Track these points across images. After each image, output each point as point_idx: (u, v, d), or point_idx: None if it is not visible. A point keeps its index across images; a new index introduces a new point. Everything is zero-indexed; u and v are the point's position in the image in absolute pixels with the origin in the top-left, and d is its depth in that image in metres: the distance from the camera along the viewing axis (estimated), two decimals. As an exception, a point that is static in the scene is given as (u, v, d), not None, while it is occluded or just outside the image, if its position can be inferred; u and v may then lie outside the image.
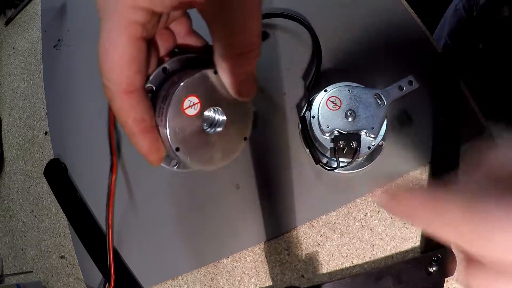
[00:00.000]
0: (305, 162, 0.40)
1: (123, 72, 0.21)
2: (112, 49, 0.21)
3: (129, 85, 0.22)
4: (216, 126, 0.29)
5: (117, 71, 0.21)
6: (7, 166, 0.49)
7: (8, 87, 0.54)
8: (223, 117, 0.28)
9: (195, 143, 0.27)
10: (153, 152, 0.24)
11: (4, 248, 0.46)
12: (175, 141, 0.26)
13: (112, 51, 0.21)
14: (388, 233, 0.37)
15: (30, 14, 0.57)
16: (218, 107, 0.28)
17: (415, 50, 0.43)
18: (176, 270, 0.38)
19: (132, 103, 0.22)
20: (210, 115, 0.28)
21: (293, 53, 0.44)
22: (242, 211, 0.39)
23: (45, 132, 0.48)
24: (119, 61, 0.21)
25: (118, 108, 0.22)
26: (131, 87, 0.22)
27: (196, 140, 0.27)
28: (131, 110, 0.22)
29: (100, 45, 0.21)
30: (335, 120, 0.36)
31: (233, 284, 0.37)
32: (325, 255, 0.37)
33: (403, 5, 0.45)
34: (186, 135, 0.26)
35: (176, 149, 0.26)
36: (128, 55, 0.21)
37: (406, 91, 0.36)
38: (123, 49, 0.21)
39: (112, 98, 0.22)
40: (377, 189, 0.39)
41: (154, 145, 0.24)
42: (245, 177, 0.40)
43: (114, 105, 0.22)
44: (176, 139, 0.26)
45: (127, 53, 0.21)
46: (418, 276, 0.34)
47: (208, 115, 0.28)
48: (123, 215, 0.41)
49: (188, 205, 0.40)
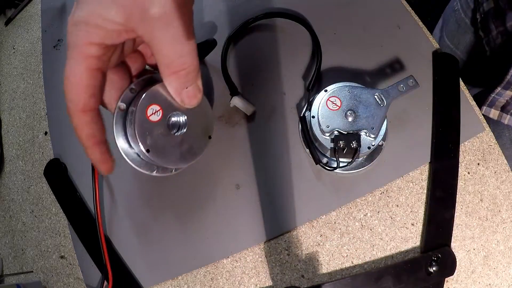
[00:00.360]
0: (305, 162, 0.40)
1: (80, 95, 0.26)
2: (72, 75, 0.26)
3: (85, 105, 0.27)
4: (180, 128, 0.34)
5: (75, 93, 0.26)
6: (7, 166, 0.49)
7: (8, 87, 0.54)
8: (184, 118, 0.33)
9: (163, 144, 0.32)
10: (103, 162, 0.29)
11: (4, 248, 0.46)
12: (144, 144, 0.31)
13: (72, 77, 0.26)
14: (388, 233, 0.37)
15: (30, 14, 0.57)
16: (178, 111, 0.33)
17: (415, 50, 0.43)
18: (176, 270, 0.38)
19: (86, 120, 0.27)
20: (173, 119, 0.33)
21: (293, 53, 0.44)
22: (242, 211, 0.39)
23: (45, 132, 0.48)
24: (77, 86, 0.26)
25: (75, 124, 0.27)
26: (86, 107, 0.27)
27: (164, 142, 0.32)
28: (84, 126, 0.27)
29: (65, 71, 0.26)
30: (335, 120, 0.36)
31: (233, 284, 0.37)
32: (325, 255, 0.37)
33: (403, 5, 0.45)
34: (154, 138, 0.31)
35: (146, 150, 0.31)
36: (84, 81, 0.26)
37: (406, 91, 0.36)
38: (80, 76, 0.26)
39: (71, 115, 0.27)
40: (377, 189, 0.39)
41: (103, 156, 0.29)
42: (245, 177, 0.40)
43: (72, 121, 0.27)
44: (145, 142, 0.31)
45: (84, 80, 0.26)
46: (418, 276, 0.34)
47: (172, 119, 0.33)
48: (123, 215, 0.41)
49: (188, 205, 0.40)
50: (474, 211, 0.38)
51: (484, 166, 0.39)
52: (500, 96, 0.52)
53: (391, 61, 0.43)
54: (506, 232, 0.37)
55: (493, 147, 0.40)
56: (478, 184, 0.39)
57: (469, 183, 0.39)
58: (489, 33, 0.52)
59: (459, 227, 0.37)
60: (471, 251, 0.37)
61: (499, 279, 0.36)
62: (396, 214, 0.38)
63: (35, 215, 0.45)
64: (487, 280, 0.36)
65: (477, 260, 0.36)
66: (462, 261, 0.36)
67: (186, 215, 0.40)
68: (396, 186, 0.39)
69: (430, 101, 0.41)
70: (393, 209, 0.38)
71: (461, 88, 0.41)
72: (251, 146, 0.41)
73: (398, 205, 0.38)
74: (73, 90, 0.26)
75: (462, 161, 0.39)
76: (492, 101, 0.53)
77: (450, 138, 0.39)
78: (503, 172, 0.39)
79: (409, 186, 0.39)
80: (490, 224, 0.37)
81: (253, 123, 0.42)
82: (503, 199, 0.38)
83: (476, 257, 0.36)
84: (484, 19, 0.52)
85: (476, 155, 0.39)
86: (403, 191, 0.39)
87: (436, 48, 0.43)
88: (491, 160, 0.39)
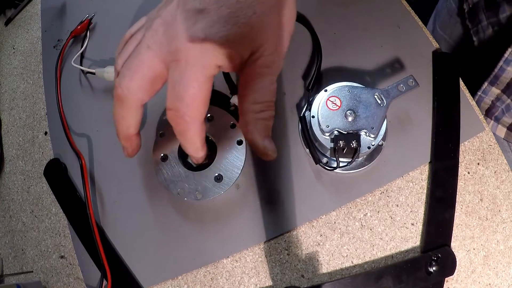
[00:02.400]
0: (305, 162, 0.40)
1: (201, 109, 0.27)
2: (194, 95, 0.27)
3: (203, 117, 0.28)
4: None
5: (197, 109, 0.27)
6: (7, 166, 0.49)
7: (8, 87, 0.54)
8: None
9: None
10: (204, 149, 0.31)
11: (4, 248, 0.46)
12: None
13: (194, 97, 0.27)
14: (388, 233, 0.37)
15: (30, 14, 0.57)
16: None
17: (415, 50, 0.43)
18: (176, 270, 0.38)
19: (202, 128, 0.29)
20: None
21: (293, 53, 0.44)
22: (242, 211, 0.39)
23: (45, 132, 0.48)
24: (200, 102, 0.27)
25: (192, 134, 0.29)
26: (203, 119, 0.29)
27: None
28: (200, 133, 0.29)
29: (183, 87, 0.26)
30: (335, 120, 0.36)
31: (233, 284, 0.37)
32: (325, 255, 0.37)
33: (403, 5, 0.45)
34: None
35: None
36: (205, 97, 0.27)
37: (406, 91, 0.36)
38: (203, 94, 0.27)
39: (188, 127, 0.28)
40: (377, 189, 0.39)
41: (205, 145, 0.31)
42: (245, 177, 0.40)
43: (189, 132, 0.28)
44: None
45: (205, 96, 0.27)
46: (418, 276, 0.34)
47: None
48: (123, 215, 0.41)
49: (188, 205, 0.40)
50: (474, 211, 0.38)
51: (484, 166, 0.39)
52: (486, 95, 0.51)
53: (391, 61, 0.43)
54: (506, 232, 0.37)
55: (493, 147, 0.40)
56: (478, 184, 0.39)
57: (469, 183, 0.39)
58: (478, 23, 0.52)
59: (459, 227, 0.37)
60: (471, 251, 0.37)
61: (499, 279, 0.36)
62: (396, 214, 0.38)
63: (35, 215, 0.45)
64: (487, 280, 0.36)
65: (477, 260, 0.36)
66: (462, 261, 0.36)
67: (186, 214, 0.40)
68: (396, 186, 0.39)
69: (430, 101, 0.41)
70: (393, 209, 0.38)
71: (461, 88, 0.41)
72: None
73: (398, 205, 0.38)
74: (195, 106, 0.27)
75: (462, 161, 0.39)
76: (478, 101, 0.52)
77: (450, 138, 0.39)
78: (503, 172, 0.39)
79: (409, 186, 0.39)
80: (490, 224, 0.37)
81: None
82: (503, 199, 0.38)
83: (476, 257, 0.36)
84: (472, 9, 0.52)
85: (476, 155, 0.39)
86: (403, 191, 0.39)
87: (436, 48, 0.43)
88: (491, 160, 0.39)
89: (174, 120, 0.27)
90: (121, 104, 0.29)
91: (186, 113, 0.27)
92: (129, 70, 0.28)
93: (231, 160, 0.37)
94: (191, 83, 0.26)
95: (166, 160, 0.38)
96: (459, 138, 0.39)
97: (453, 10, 0.58)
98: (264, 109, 0.27)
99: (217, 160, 0.38)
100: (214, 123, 0.39)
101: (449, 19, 0.60)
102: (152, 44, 0.27)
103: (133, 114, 0.30)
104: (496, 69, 0.48)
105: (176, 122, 0.27)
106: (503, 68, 0.47)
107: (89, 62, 0.49)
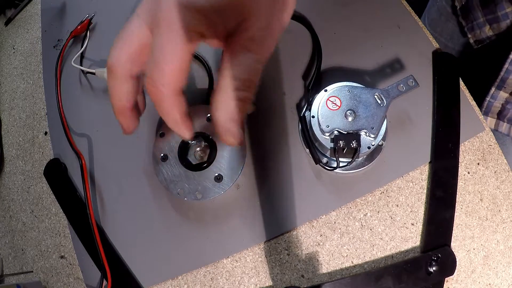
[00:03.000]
0: (305, 162, 0.40)
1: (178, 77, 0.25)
2: (171, 59, 0.24)
3: (181, 88, 0.26)
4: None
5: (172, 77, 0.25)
6: (7, 166, 0.49)
7: (8, 87, 0.54)
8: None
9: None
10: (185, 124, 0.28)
11: (4, 248, 0.46)
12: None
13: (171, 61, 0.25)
14: (388, 233, 0.37)
15: (30, 14, 0.57)
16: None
17: (415, 50, 0.43)
18: (176, 270, 0.38)
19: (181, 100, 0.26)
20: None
21: (293, 53, 0.44)
22: (242, 211, 0.39)
23: (45, 132, 0.48)
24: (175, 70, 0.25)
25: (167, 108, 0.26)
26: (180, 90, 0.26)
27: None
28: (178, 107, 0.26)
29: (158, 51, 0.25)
30: (335, 120, 0.36)
31: (233, 284, 0.37)
32: (325, 255, 0.37)
33: (403, 5, 0.45)
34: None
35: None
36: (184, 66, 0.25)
37: (406, 91, 0.36)
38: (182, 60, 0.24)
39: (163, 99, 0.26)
40: (377, 189, 0.39)
41: (188, 121, 0.28)
42: (245, 177, 0.40)
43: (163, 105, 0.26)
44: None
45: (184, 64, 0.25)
46: (418, 276, 0.34)
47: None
48: (123, 215, 0.41)
49: (188, 205, 0.40)
50: (474, 211, 0.38)
51: (484, 166, 0.39)
52: (495, 100, 0.50)
53: (391, 61, 0.43)
54: (506, 232, 0.37)
55: (493, 147, 0.40)
56: (478, 184, 0.39)
57: (469, 183, 0.39)
58: (473, 20, 0.51)
59: (459, 227, 0.37)
60: (471, 251, 0.37)
61: (499, 279, 0.36)
62: (396, 214, 0.38)
63: (35, 215, 0.45)
64: (487, 280, 0.36)
65: (477, 260, 0.36)
66: (462, 261, 0.36)
67: (186, 214, 0.40)
68: (396, 186, 0.39)
69: (430, 101, 0.41)
70: (393, 209, 0.38)
71: (461, 88, 0.41)
72: (251, 146, 0.41)
73: (398, 205, 0.38)
74: (170, 74, 0.24)
75: (462, 161, 0.39)
76: (488, 106, 0.51)
77: (450, 138, 0.39)
78: (503, 172, 0.39)
79: (409, 186, 0.39)
80: (490, 224, 0.37)
81: (253, 122, 0.42)
82: (503, 199, 0.38)
83: (476, 257, 0.36)
84: (465, 6, 0.52)
85: (476, 155, 0.39)
86: (403, 191, 0.39)
87: (436, 48, 0.43)
88: (491, 160, 0.39)
89: (150, 89, 0.25)
90: (111, 74, 0.28)
91: (160, 81, 0.24)
92: (119, 40, 0.27)
93: (231, 160, 0.37)
94: (168, 49, 0.24)
95: (166, 160, 0.38)
96: (459, 138, 0.39)
97: (443, 8, 0.58)
98: (241, 88, 0.24)
99: (217, 160, 0.38)
100: None
101: (439, 17, 0.59)
102: (141, 12, 0.26)
103: (123, 85, 0.28)
104: (502, 72, 0.46)
105: (151, 90, 0.25)
106: (509, 70, 0.46)
107: (89, 62, 0.49)
